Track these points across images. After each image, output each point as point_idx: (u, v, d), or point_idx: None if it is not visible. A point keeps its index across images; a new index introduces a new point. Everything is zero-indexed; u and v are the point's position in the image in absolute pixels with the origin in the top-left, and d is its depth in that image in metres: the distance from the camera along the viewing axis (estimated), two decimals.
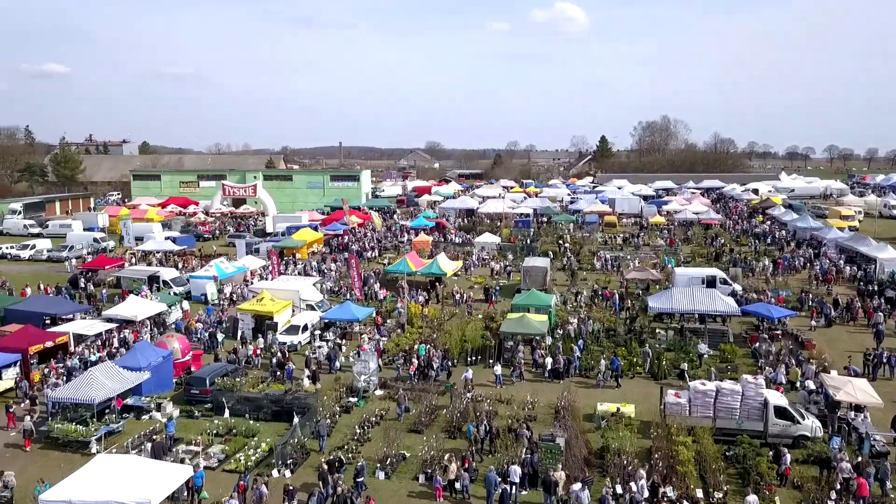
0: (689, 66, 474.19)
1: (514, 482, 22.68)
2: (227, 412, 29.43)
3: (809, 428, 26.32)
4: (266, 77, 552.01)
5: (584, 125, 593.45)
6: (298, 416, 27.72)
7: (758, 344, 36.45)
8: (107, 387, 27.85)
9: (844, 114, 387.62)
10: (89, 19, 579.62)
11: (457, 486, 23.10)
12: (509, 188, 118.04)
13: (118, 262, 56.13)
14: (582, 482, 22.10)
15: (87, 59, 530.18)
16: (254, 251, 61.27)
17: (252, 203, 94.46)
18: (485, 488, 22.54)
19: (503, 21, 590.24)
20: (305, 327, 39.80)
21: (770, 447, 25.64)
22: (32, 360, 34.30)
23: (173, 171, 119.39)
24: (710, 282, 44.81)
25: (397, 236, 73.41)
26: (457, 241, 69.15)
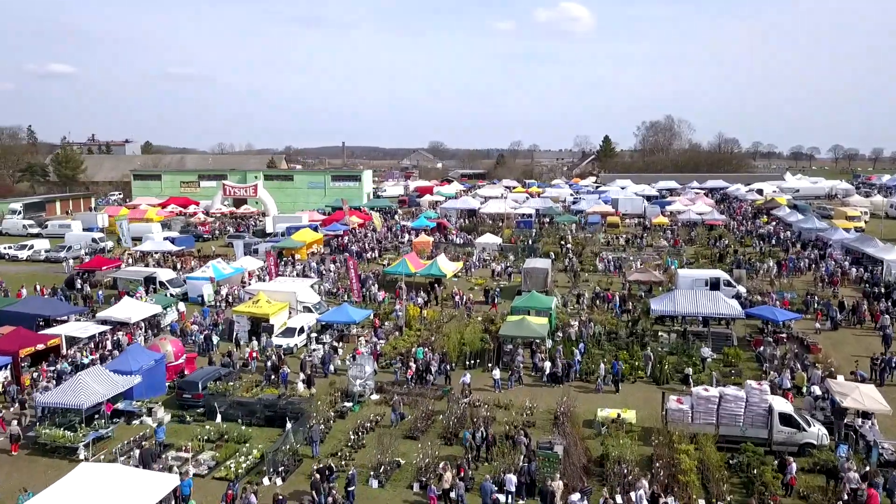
0: (694, 65, 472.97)
1: (509, 491, 22.04)
2: (220, 417, 28.83)
3: (815, 435, 25.59)
4: (270, 77, 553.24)
5: (587, 125, 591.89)
6: (291, 422, 27.08)
7: (762, 348, 35.72)
8: (96, 391, 27.24)
9: (849, 113, 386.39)
10: (93, 20, 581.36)
11: (452, 495, 22.41)
12: (512, 188, 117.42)
13: (115, 263, 55.61)
14: (580, 492, 21.43)
15: (93, 60, 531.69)
16: (252, 252, 60.71)
17: (253, 203, 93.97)
18: (480, 498, 21.89)
19: (507, 21, 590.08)
20: (302, 330, 39.19)
21: (775, 455, 24.94)
22: (24, 364, 33.84)
23: (174, 171, 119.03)
24: (714, 284, 44.04)
25: (398, 237, 72.76)
26: (458, 242, 68.44)
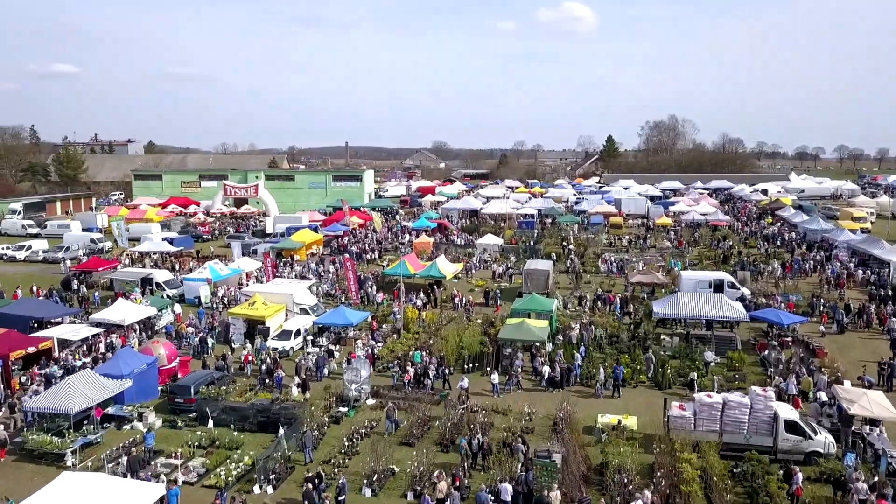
0: (698, 65, 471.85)
1: (505, 501, 21.37)
2: (211, 422, 28.22)
3: (822, 444, 24.84)
4: (270, 77, 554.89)
5: (591, 125, 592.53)
6: (284, 428, 26.45)
7: (767, 352, 34.97)
8: (85, 396, 26.65)
9: (854, 113, 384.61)
10: (94, 20, 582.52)
11: None
12: (514, 188, 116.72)
13: (112, 264, 55.07)
14: (579, 502, 20.78)
15: (94, 60, 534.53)
16: (251, 252, 60.13)
17: (254, 203, 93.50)
18: None
19: (510, 21, 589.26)
20: (298, 332, 38.57)
21: (780, 464, 24.20)
22: (14, 367, 33.30)
23: (175, 171, 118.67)
24: (718, 286, 43.26)
25: (398, 237, 72.12)
26: (459, 243, 67.75)
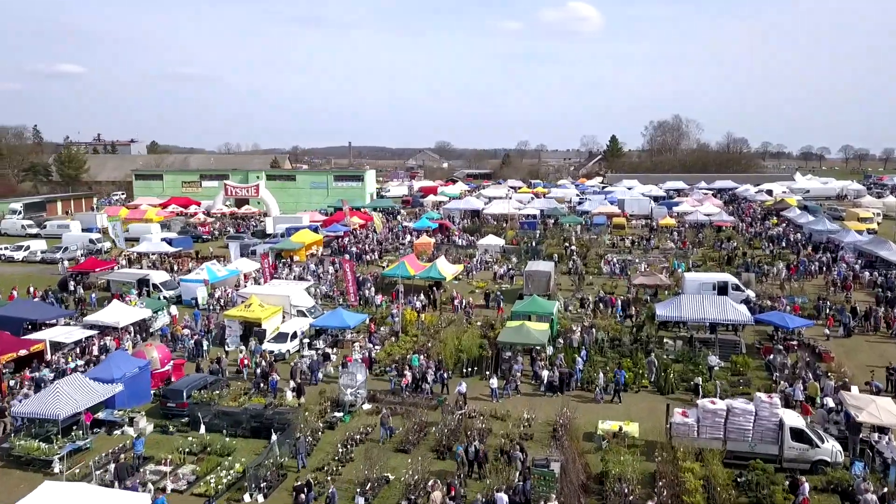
0: (702, 65, 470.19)
1: None
2: (203, 428, 27.63)
3: (829, 452, 24.11)
4: (273, 77, 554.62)
5: (595, 125, 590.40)
6: (276, 434, 25.83)
7: (772, 356, 34.22)
8: (73, 401, 26.08)
9: (859, 113, 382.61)
10: (96, 21, 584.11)
11: None
12: (517, 188, 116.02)
13: (109, 265, 54.57)
14: None
15: (95, 60, 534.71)
16: (250, 253, 59.54)
17: (255, 203, 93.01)
18: None
19: (514, 21, 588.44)
20: (294, 335, 37.97)
21: (786, 473, 23.50)
22: (6, 370, 32.78)
23: (175, 171, 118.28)
24: (722, 288, 42.51)
25: (398, 238, 71.49)
26: (460, 244, 67.09)
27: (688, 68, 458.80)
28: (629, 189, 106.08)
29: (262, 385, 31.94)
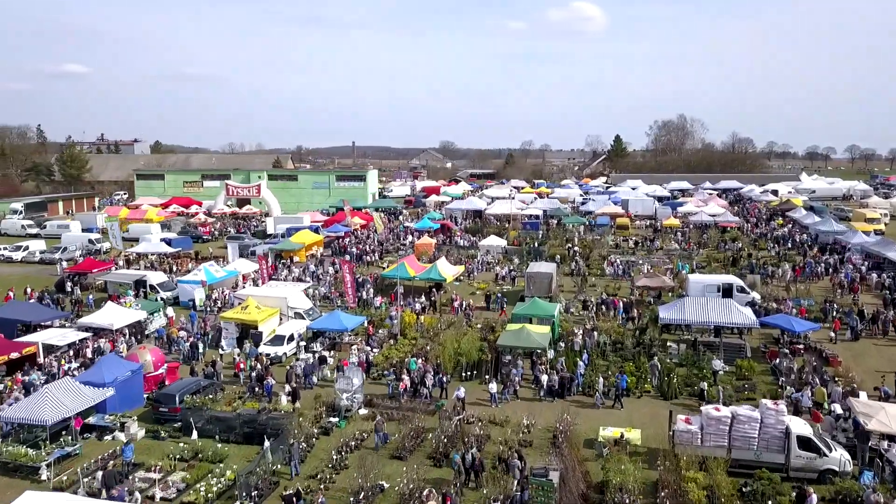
0: (707, 64, 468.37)
1: None
2: (195, 433, 27.06)
3: (837, 461, 23.39)
4: (274, 77, 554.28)
5: (599, 125, 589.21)
6: (269, 440, 25.22)
7: (778, 360, 33.49)
8: (62, 406, 25.52)
9: (865, 113, 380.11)
10: (96, 21, 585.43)
11: None
12: (520, 188, 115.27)
13: (107, 266, 54.08)
14: None
15: (98, 60, 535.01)
16: (250, 254, 58.98)
17: (256, 203, 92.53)
18: None
19: (519, 20, 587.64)
20: (291, 337, 37.38)
21: (792, 483, 22.79)
22: None
23: (177, 171, 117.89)
24: (727, 290, 41.76)
25: (400, 238, 70.86)
26: (462, 244, 66.42)
27: (690, 68, 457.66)
28: (633, 189, 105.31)
29: (256, 389, 31.34)
